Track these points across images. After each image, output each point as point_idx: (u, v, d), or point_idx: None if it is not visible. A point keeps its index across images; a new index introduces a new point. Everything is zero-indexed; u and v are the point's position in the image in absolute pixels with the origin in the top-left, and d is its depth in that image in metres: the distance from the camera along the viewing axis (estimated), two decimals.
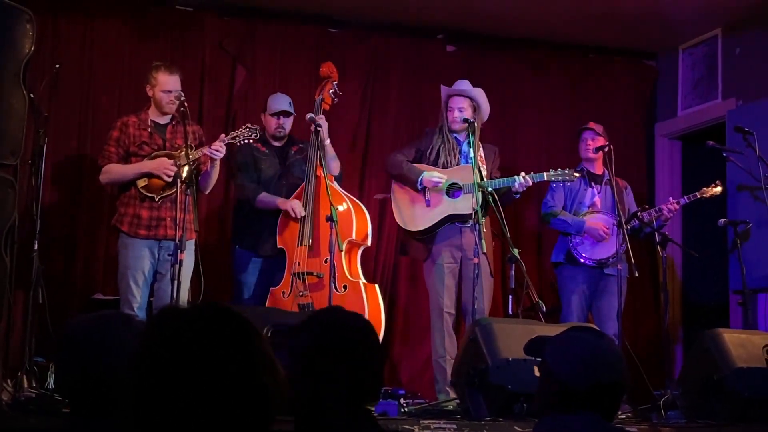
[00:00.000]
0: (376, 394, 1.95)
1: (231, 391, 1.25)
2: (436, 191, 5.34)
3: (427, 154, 5.45)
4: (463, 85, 5.54)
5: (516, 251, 4.98)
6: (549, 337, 2.34)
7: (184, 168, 4.91)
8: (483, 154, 5.45)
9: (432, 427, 3.74)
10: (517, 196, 5.43)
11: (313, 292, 5.16)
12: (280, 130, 5.53)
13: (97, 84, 6.13)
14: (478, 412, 4.09)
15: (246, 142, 5.15)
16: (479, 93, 5.50)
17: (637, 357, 5.14)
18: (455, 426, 3.79)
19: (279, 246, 5.33)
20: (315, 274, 5.17)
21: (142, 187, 5.01)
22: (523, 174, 5.28)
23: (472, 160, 5.25)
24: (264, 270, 5.44)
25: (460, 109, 5.43)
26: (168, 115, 5.16)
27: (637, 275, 5.29)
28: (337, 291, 5.03)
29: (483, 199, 5.13)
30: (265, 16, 6.55)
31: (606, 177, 5.70)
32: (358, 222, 5.30)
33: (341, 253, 5.11)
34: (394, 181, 5.55)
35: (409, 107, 6.79)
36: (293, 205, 5.29)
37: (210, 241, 5.99)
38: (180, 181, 4.90)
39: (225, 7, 6.49)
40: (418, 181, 5.33)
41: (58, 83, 5.54)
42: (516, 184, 5.26)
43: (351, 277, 5.18)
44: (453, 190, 5.35)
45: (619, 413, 4.36)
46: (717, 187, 5.68)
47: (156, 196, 5.00)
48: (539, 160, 6.64)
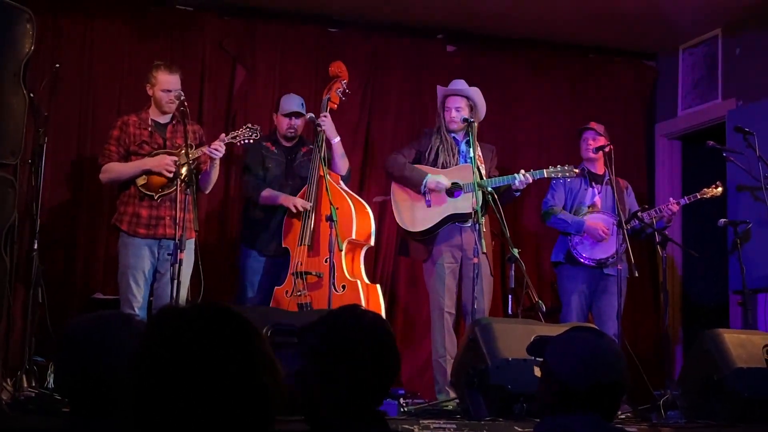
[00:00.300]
0: (380, 395, 1.94)
1: (231, 392, 1.25)
2: (438, 193, 5.34)
3: (426, 154, 5.44)
4: (459, 84, 5.53)
5: (516, 251, 4.98)
6: (551, 337, 2.34)
7: (184, 167, 4.92)
8: (481, 154, 5.44)
9: (432, 427, 3.74)
10: (518, 194, 5.43)
11: (312, 292, 5.16)
12: (291, 131, 5.55)
13: (97, 84, 6.14)
14: (478, 412, 4.08)
15: (247, 141, 5.16)
16: (475, 92, 5.49)
17: (637, 357, 5.14)
18: (455, 426, 3.78)
19: (284, 246, 5.34)
20: (315, 273, 5.17)
21: (141, 186, 5.01)
22: (522, 171, 5.28)
23: (471, 160, 5.24)
24: (269, 269, 5.45)
25: (457, 109, 5.42)
26: (168, 115, 5.16)
27: (637, 275, 5.29)
28: (335, 291, 5.02)
29: (482, 198, 5.13)
30: (265, 16, 6.55)
31: (607, 177, 5.70)
32: (361, 222, 5.29)
33: (341, 253, 5.11)
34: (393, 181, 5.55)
35: (409, 107, 6.79)
36: (295, 201, 5.29)
37: (210, 241, 5.99)
38: (179, 180, 4.91)
39: (225, 7, 6.49)
40: (423, 184, 5.32)
41: (58, 83, 5.53)
42: (516, 182, 5.26)
43: (351, 277, 5.17)
44: (453, 190, 5.34)
45: (619, 413, 4.36)
46: (718, 188, 5.67)
47: (155, 194, 5.00)
48: (539, 160, 6.61)
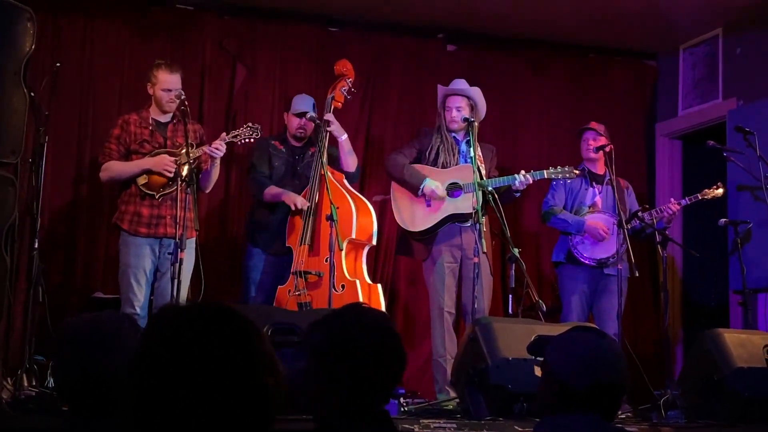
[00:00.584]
0: (384, 394, 1.93)
1: (231, 391, 1.25)
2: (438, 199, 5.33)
3: (426, 154, 5.44)
4: (460, 84, 5.53)
5: (516, 250, 4.98)
6: (551, 336, 2.34)
7: (185, 166, 4.92)
8: (481, 154, 5.43)
9: (432, 426, 3.74)
10: (518, 195, 5.42)
11: (312, 291, 5.16)
12: (301, 131, 5.55)
13: (97, 83, 6.14)
14: (478, 412, 4.08)
15: (248, 140, 5.16)
16: (476, 92, 5.49)
17: (637, 357, 5.13)
18: (455, 425, 3.78)
19: (287, 245, 5.35)
20: (315, 272, 5.17)
21: (142, 185, 5.01)
22: (523, 172, 5.28)
23: (471, 160, 5.24)
24: (274, 268, 5.45)
25: (458, 109, 5.42)
26: (169, 114, 5.16)
27: (637, 275, 5.28)
28: (335, 290, 5.02)
29: (483, 198, 5.13)
30: (265, 15, 6.55)
31: (607, 177, 5.69)
32: (362, 221, 5.29)
33: (341, 253, 5.10)
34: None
35: (409, 107, 6.78)
36: (295, 199, 5.29)
37: (210, 240, 5.99)
38: (180, 179, 4.90)
39: (225, 7, 6.49)
40: (420, 189, 5.32)
41: (59, 82, 5.52)
42: (516, 182, 5.26)
43: (351, 276, 5.17)
44: (453, 190, 5.34)
45: (619, 413, 4.35)
46: (718, 189, 5.66)
47: (156, 193, 5.00)
48: (539, 160, 6.62)
